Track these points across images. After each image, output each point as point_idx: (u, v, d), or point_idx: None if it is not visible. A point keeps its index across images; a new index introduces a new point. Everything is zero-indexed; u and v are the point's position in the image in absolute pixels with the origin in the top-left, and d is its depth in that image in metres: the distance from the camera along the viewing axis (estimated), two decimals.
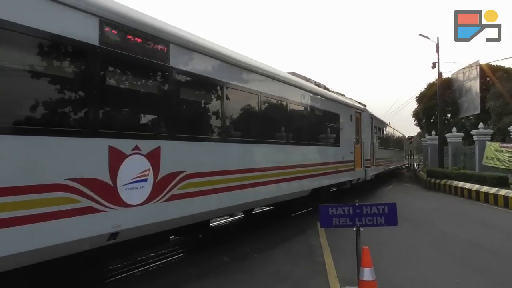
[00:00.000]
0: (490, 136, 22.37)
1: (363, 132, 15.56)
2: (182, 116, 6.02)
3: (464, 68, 31.17)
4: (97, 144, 4.48)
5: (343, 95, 14.97)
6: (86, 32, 4.43)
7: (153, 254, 7.90)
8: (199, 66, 6.41)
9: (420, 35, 24.66)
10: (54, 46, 4.16)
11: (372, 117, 18.50)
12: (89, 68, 4.45)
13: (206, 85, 6.64)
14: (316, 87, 11.79)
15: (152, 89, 5.56)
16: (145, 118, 5.48)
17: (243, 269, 6.70)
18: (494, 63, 29.41)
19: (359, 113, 15.27)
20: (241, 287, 5.87)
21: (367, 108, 17.52)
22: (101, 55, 4.56)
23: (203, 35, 7.33)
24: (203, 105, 6.74)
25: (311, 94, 10.84)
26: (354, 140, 14.14)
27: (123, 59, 4.90)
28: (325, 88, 12.96)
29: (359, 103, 16.83)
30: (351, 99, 15.91)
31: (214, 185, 6.48)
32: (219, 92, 6.89)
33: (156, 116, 5.61)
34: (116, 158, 4.66)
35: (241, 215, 11.66)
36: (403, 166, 39.97)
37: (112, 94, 4.85)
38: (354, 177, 14.25)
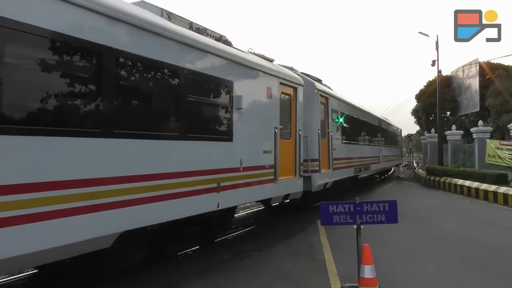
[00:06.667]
0: (489, 133, 22.35)
1: (303, 118, 10.11)
2: None
3: (463, 66, 31.11)
4: None
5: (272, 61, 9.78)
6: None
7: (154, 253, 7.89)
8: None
9: (420, 33, 24.66)
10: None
11: (327, 97, 12.20)
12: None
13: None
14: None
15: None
16: None
17: (243, 267, 6.71)
18: (493, 61, 29.42)
19: (292, 88, 9.70)
20: (242, 285, 5.88)
21: (317, 82, 11.71)
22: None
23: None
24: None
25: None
26: (276, 130, 8.57)
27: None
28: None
29: (308, 75, 11.57)
30: (286, 67, 10.54)
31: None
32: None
33: None
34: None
35: (240, 214, 11.63)
36: (402, 165, 38.72)
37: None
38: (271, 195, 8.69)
